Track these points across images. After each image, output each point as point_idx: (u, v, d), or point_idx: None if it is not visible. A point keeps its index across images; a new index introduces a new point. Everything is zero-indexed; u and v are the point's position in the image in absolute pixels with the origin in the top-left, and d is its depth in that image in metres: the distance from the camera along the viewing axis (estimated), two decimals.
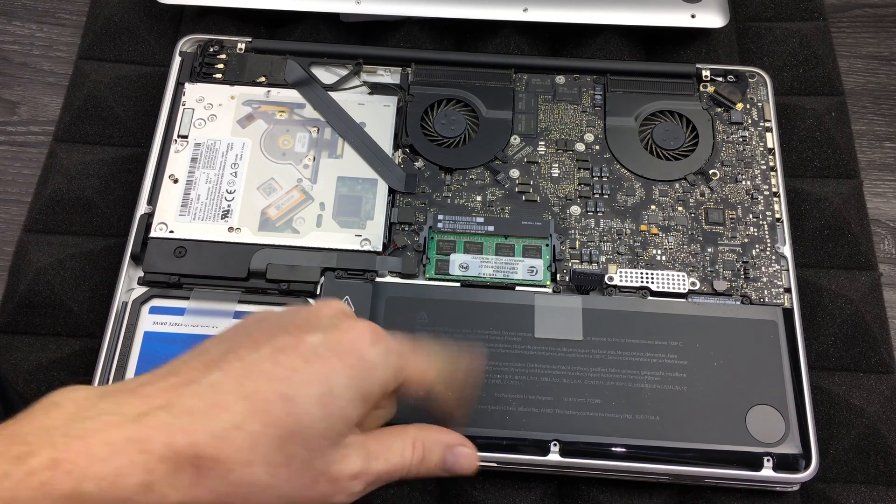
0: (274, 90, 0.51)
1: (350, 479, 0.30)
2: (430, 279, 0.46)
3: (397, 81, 0.52)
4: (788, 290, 0.46)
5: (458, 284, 0.46)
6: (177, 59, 0.52)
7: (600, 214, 0.48)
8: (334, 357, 0.30)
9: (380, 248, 0.47)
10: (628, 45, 0.56)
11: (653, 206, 0.49)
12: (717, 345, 0.44)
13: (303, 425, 0.29)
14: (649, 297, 0.46)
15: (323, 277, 0.46)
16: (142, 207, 0.48)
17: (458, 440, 0.35)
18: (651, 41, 0.57)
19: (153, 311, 0.45)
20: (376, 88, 0.52)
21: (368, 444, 0.31)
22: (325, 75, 0.52)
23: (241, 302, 0.45)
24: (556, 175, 0.50)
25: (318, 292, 0.46)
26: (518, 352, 0.44)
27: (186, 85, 0.51)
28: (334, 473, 0.30)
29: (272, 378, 0.29)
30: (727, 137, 0.51)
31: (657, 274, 0.46)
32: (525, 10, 0.54)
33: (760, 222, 0.48)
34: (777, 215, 0.48)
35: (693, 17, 0.54)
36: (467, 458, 0.35)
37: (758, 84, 0.52)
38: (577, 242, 0.48)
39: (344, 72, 0.53)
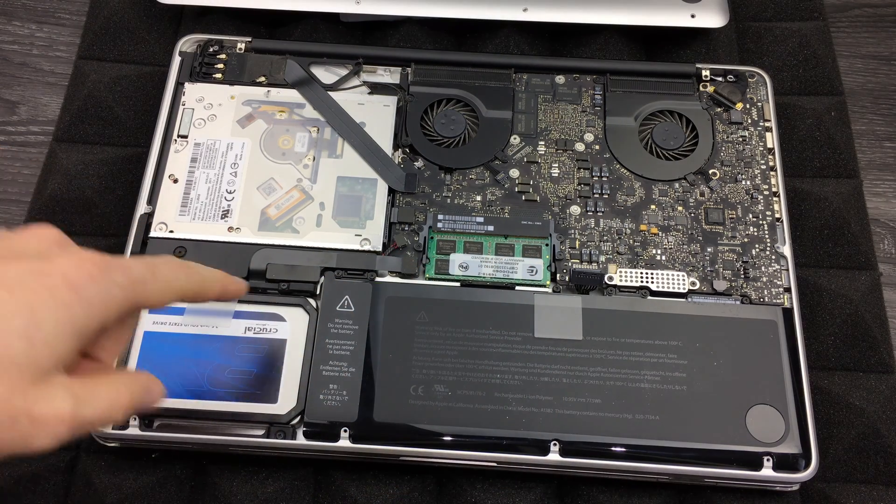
0: (274, 90, 0.51)
1: (56, 422, 0.27)
2: (430, 279, 0.46)
3: (397, 81, 0.52)
4: (788, 290, 0.46)
5: (458, 284, 0.46)
6: (177, 59, 0.52)
7: (600, 214, 0.48)
8: (43, 289, 0.27)
9: (380, 248, 0.47)
10: (628, 45, 0.56)
11: (653, 206, 0.49)
12: (717, 345, 0.44)
13: (2, 359, 0.26)
14: (649, 297, 0.46)
15: (323, 277, 0.46)
16: (142, 207, 0.48)
17: (155, 384, 0.33)
18: (651, 41, 0.57)
19: (153, 310, 0.45)
20: (376, 88, 0.52)
21: (75, 388, 0.28)
22: (325, 75, 0.52)
23: (240, 301, 0.45)
24: (556, 175, 0.50)
25: (318, 292, 0.46)
26: (518, 352, 0.44)
27: (186, 85, 0.51)
28: (37, 414, 0.27)
29: None
30: (727, 137, 0.51)
31: (657, 274, 0.46)
32: (525, 10, 0.54)
33: (760, 222, 0.48)
34: (777, 215, 0.48)
35: (693, 17, 0.54)
36: (156, 395, 0.33)
37: (757, 84, 0.52)
38: (577, 242, 0.48)
39: (344, 72, 0.53)
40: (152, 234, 0.47)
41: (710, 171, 0.50)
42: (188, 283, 0.33)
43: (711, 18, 0.54)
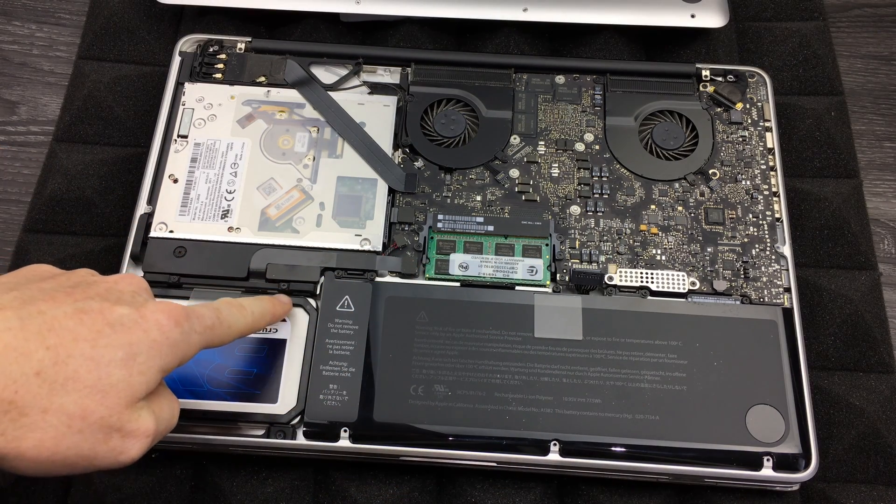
0: (274, 90, 0.51)
1: (143, 437, 0.32)
2: (429, 279, 0.46)
3: (397, 81, 0.52)
4: (788, 290, 0.46)
5: (457, 284, 0.46)
6: (176, 59, 0.52)
7: (600, 214, 0.48)
8: (140, 331, 0.32)
9: (379, 248, 0.47)
10: (628, 45, 0.56)
11: (653, 206, 0.49)
12: (717, 345, 0.44)
13: (103, 384, 0.30)
14: (649, 297, 0.46)
15: (323, 277, 0.46)
16: (142, 207, 0.48)
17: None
18: (651, 41, 0.57)
19: None
20: (376, 88, 0.52)
21: (153, 407, 0.33)
22: (325, 75, 0.52)
23: None
24: (556, 175, 0.50)
25: (318, 292, 0.46)
26: (518, 352, 0.44)
27: (186, 85, 0.51)
28: (128, 430, 0.31)
29: (77, 337, 0.30)
30: (727, 137, 0.51)
31: (657, 274, 0.46)
32: (525, 10, 0.54)
33: (760, 222, 0.48)
34: (777, 215, 0.48)
35: (693, 17, 0.54)
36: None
37: (757, 84, 0.52)
38: (577, 242, 0.48)
39: (344, 72, 0.53)
40: (152, 234, 0.47)
41: (710, 171, 0.50)
42: (244, 323, 0.38)
43: (711, 18, 0.54)
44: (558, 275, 0.47)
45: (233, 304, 0.38)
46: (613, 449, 0.42)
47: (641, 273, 0.46)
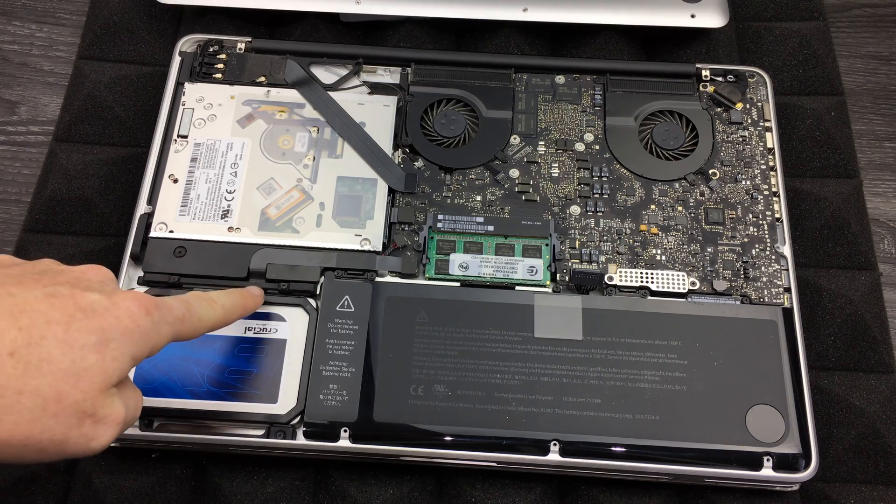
0: (274, 90, 0.51)
1: (113, 424, 0.32)
2: (429, 279, 0.46)
3: (397, 81, 0.52)
4: (788, 290, 0.46)
5: (457, 284, 0.46)
6: (176, 59, 0.52)
7: (600, 214, 0.48)
8: (112, 317, 0.32)
9: (379, 248, 0.47)
10: (628, 45, 0.56)
11: (653, 206, 0.49)
12: (717, 345, 0.44)
13: (77, 367, 0.30)
14: (649, 297, 0.46)
15: (323, 277, 0.46)
16: (142, 207, 0.48)
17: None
18: (651, 41, 0.57)
19: None
20: (376, 88, 0.52)
21: (122, 396, 0.33)
22: (325, 75, 0.52)
23: None
24: (556, 175, 0.50)
25: (318, 292, 0.46)
26: (518, 352, 0.44)
27: (186, 85, 0.51)
28: (101, 416, 0.31)
29: (49, 320, 0.30)
30: (727, 137, 0.51)
31: (657, 274, 0.46)
32: (525, 10, 0.54)
33: (760, 222, 0.48)
34: (777, 215, 0.48)
35: (693, 17, 0.54)
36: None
37: (757, 84, 0.52)
38: (577, 242, 0.48)
39: (344, 72, 0.53)
40: (152, 234, 0.47)
41: (710, 171, 0.50)
42: (215, 317, 0.38)
43: (711, 18, 0.54)
44: (558, 275, 0.47)
45: (203, 297, 0.38)
46: (613, 449, 0.42)
47: (641, 273, 0.46)
